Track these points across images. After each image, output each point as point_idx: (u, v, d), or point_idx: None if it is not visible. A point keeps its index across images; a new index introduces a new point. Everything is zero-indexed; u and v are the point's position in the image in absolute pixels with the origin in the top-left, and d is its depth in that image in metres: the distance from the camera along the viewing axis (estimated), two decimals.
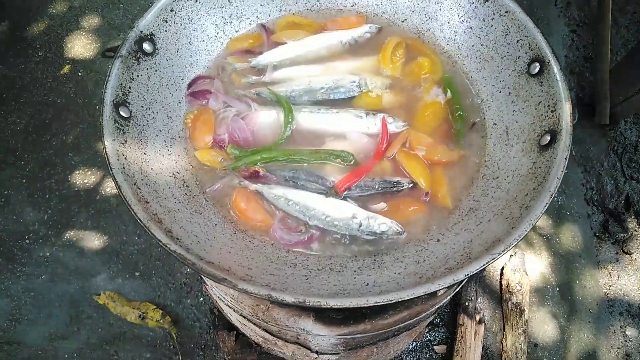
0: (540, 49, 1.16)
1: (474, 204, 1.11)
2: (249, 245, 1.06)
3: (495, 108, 1.23)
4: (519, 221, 0.95)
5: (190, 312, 2.08)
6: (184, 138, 1.21)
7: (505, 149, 1.16)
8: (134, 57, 1.15)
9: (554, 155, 1.03)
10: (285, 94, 1.27)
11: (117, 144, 1.02)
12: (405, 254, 1.05)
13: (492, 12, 1.26)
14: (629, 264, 2.38)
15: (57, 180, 2.36)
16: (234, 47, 1.36)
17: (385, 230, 1.08)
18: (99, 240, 2.23)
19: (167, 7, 1.23)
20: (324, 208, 1.12)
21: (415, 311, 1.18)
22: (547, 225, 2.39)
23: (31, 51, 2.73)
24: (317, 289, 0.94)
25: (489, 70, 1.27)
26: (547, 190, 0.97)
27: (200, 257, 0.90)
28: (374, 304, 0.85)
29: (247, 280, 0.88)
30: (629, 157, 2.65)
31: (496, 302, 2.16)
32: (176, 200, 1.06)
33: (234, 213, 1.12)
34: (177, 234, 0.95)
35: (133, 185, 0.98)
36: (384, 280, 0.96)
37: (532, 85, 1.17)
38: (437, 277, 0.89)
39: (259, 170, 1.16)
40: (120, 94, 1.09)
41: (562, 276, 2.28)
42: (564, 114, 1.07)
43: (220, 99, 1.26)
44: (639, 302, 2.28)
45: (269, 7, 1.39)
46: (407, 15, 1.39)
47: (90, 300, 2.10)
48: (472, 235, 1.02)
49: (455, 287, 1.23)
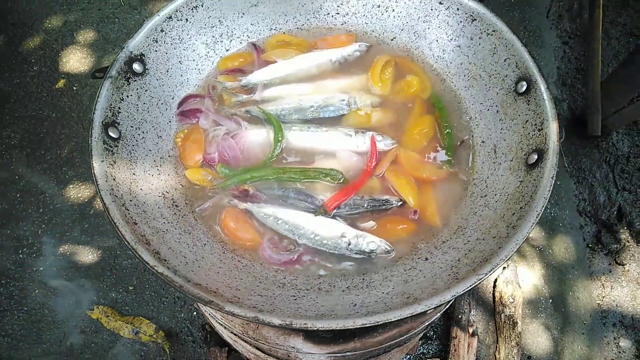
0: (527, 67, 1.17)
1: (462, 222, 1.12)
2: (237, 265, 1.06)
3: (484, 126, 1.25)
4: (506, 241, 0.96)
5: (183, 326, 2.08)
6: (174, 157, 1.21)
7: (493, 167, 1.17)
8: (123, 77, 1.16)
9: (541, 174, 1.04)
10: (275, 112, 1.28)
11: (105, 165, 1.03)
12: (393, 273, 1.05)
13: (480, 31, 1.27)
14: (621, 275, 2.38)
15: (51, 195, 2.36)
16: (224, 66, 1.37)
17: (374, 249, 1.09)
18: (92, 254, 2.23)
19: (158, 27, 1.24)
20: (313, 227, 1.12)
21: (405, 329, 1.19)
22: (540, 236, 2.40)
23: (26, 65, 2.74)
24: (305, 309, 0.95)
25: (477, 88, 1.29)
26: (534, 210, 0.98)
27: (188, 279, 0.91)
28: (361, 325, 0.85)
29: (234, 302, 0.88)
30: (621, 168, 2.67)
31: (489, 315, 2.17)
32: (165, 220, 1.07)
33: (223, 232, 1.13)
34: (165, 255, 0.95)
35: (121, 207, 0.99)
36: (371, 300, 0.96)
37: (519, 103, 1.18)
38: (424, 298, 0.89)
39: (248, 188, 1.17)
40: (110, 115, 1.10)
41: (555, 288, 2.28)
42: (551, 133, 1.08)
43: (211, 117, 1.27)
44: (632, 313, 2.28)
45: (260, 26, 1.41)
46: (396, 34, 1.40)
47: (83, 315, 2.10)
48: (460, 254, 1.02)
49: (444, 305, 1.23)
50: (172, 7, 1.27)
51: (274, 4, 1.40)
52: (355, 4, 1.41)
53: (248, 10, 1.38)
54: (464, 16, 1.29)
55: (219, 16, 1.35)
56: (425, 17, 1.36)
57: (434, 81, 1.35)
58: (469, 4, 1.28)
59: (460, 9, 1.29)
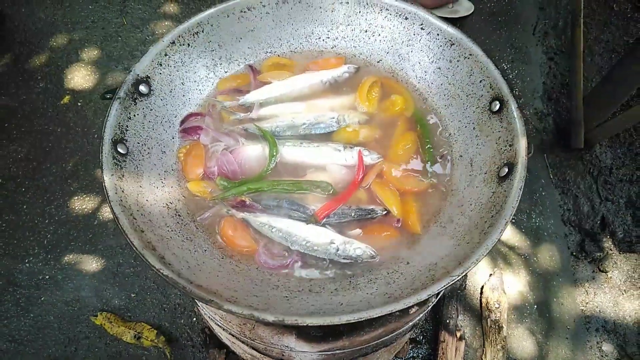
0: (500, 89, 1.28)
1: (440, 229, 1.23)
2: (235, 269, 1.16)
3: (462, 141, 1.36)
4: (478, 246, 1.06)
5: (183, 331, 2.17)
6: (177, 171, 1.32)
7: (469, 179, 1.28)
8: (131, 98, 1.27)
9: (511, 186, 1.14)
10: (270, 129, 1.39)
11: (115, 179, 1.13)
12: (377, 276, 1.15)
13: (458, 55, 1.39)
14: (604, 282, 2.48)
15: (56, 206, 2.46)
16: (223, 86, 1.48)
17: (360, 254, 1.19)
18: (96, 263, 2.32)
19: (162, 51, 1.35)
20: (304, 234, 1.23)
21: (390, 328, 1.28)
22: (526, 245, 2.50)
23: (32, 82, 2.85)
24: (296, 308, 1.05)
25: (455, 106, 1.40)
26: (503, 218, 1.09)
27: (190, 280, 1.01)
28: (346, 321, 0.95)
29: (232, 301, 0.98)
30: (604, 179, 2.77)
31: (476, 320, 2.26)
32: (169, 228, 1.17)
33: (222, 240, 1.23)
34: (169, 260, 1.06)
35: (130, 216, 1.09)
36: (357, 300, 1.06)
37: (493, 121, 1.29)
38: (404, 297, 0.99)
39: (245, 199, 1.27)
40: (118, 132, 1.21)
41: (540, 294, 2.38)
42: (520, 149, 1.18)
43: (211, 134, 1.37)
44: (614, 319, 2.37)
45: (256, 50, 1.52)
46: (382, 56, 1.52)
47: (87, 321, 2.19)
48: (437, 259, 1.13)
49: (427, 306, 1.33)
50: (175, 32, 1.38)
51: (270, 29, 1.51)
52: (344, 29, 1.53)
53: (245, 35, 1.50)
54: (444, 41, 1.41)
55: (218, 41, 1.46)
56: (408, 41, 1.47)
57: (416, 100, 1.46)
58: (448, 29, 1.40)
59: (440, 34, 1.41)
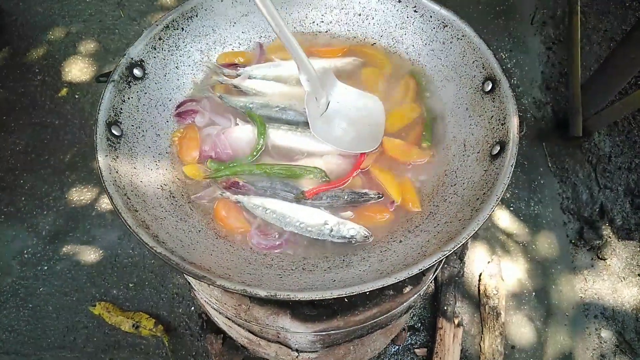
0: (493, 68, 1.28)
1: (434, 208, 1.23)
2: (229, 249, 1.17)
3: (455, 122, 1.36)
4: (469, 222, 1.07)
5: (181, 320, 2.18)
6: (171, 154, 1.32)
7: (463, 159, 1.28)
8: (125, 81, 1.27)
9: (502, 163, 1.15)
10: (245, 104, 1.39)
11: (109, 160, 1.14)
12: (370, 254, 1.16)
13: (451, 36, 1.39)
14: (603, 269, 2.49)
15: (54, 198, 2.47)
16: (222, 60, 1.49)
17: (354, 235, 1.19)
18: (94, 253, 2.33)
19: (156, 35, 1.36)
20: (298, 215, 1.23)
21: (385, 308, 1.29)
22: (524, 233, 2.51)
23: (30, 75, 2.86)
24: (289, 285, 1.05)
25: (449, 88, 1.40)
26: (494, 195, 1.09)
27: (184, 258, 1.01)
28: (337, 295, 0.95)
29: (225, 278, 0.99)
30: (602, 167, 2.78)
31: (474, 307, 2.27)
32: (163, 209, 1.18)
33: (216, 221, 1.24)
34: (163, 238, 1.06)
35: (124, 196, 1.10)
36: (349, 276, 1.07)
37: (485, 101, 1.29)
38: (395, 272, 1.00)
39: (238, 181, 1.27)
40: (112, 115, 1.21)
41: (538, 281, 2.38)
42: (512, 127, 1.19)
43: (207, 115, 1.37)
44: (613, 306, 2.38)
45: (250, 34, 1.52)
46: (377, 39, 1.52)
47: (86, 311, 2.20)
48: (430, 236, 1.13)
49: (421, 286, 1.33)
50: (170, 17, 1.38)
51: None
52: (338, 12, 1.53)
53: (239, 20, 1.50)
54: (437, 23, 1.41)
55: (212, 25, 1.47)
56: (402, 24, 1.47)
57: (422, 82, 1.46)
58: (441, 11, 1.40)
59: (433, 16, 1.41)
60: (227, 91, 1.45)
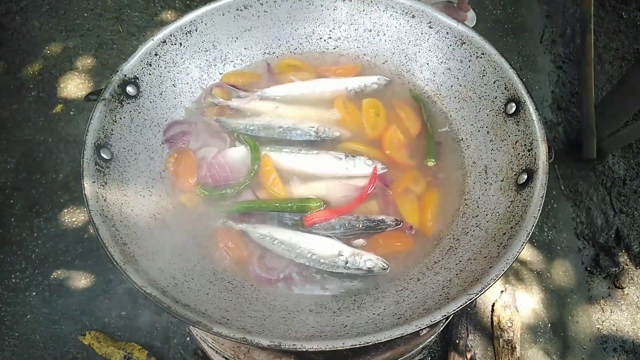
0: (516, 89, 1.18)
1: (454, 242, 1.12)
2: (227, 286, 1.05)
3: (475, 147, 1.25)
4: (497, 260, 0.95)
5: (176, 352, 2.04)
6: (166, 178, 1.22)
7: (484, 188, 1.17)
8: (117, 100, 1.17)
9: (531, 194, 1.04)
10: (245, 127, 1.30)
11: (96, 186, 1.03)
12: (385, 294, 1.04)
13: (469, 54, 1.29)
14: (621, 299, 2.36)
15: (45, 219, 2.36)
16: (227, 80, 1.40)
17: (372, 267, 1.08)
18: (85, 279, 2.21)
19: (152, 51, 1.26)
20: (309, 246, 1.12)
21: (399, 351, 1.17)
22: (538, 260, 2.39)
23: (25, 91, 2.77)
24: (295, 331, 0.94)
25: (467, 109, 1.30)
26: (524, 229, 0.98)
27: (177, 299, 0.90)
28: (350, 346, 0.84)
29: (223, 323, 0.87)
30: (617, 190, 2.67)
31: (487, 340, 2.14)
32: (155, 241, 1.07)
33: (215, 253, 1.12)
34: (154, 276, 0.95)
35: (111, 227, 0.99)
36: (362, 321, 0.95)
37: (509, 124, 1.19)
38: (415, 318, 0.88)
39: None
40: (102, 137, 1.11)
41: (554, 312, 2.26)
42: (540, 153, 1.08)
43: (201, 138, 1.27)
44: (632, 338, 2.25)
45: (253, 50, 1.43)
46: (388, 57, 1.43)
47: (75, 340, 2.07)
48: (452, 275, 1.02)
49: (438, 327, 1.22)
50: (167, 31, 1.29)
51: (267, 29, 1.42)
52: (347, 28, 1.44)
53: (241, 35, 1.41)
54: (454, 40, 1.31)
55: (213, 40, 1.37)
56: (415, 41, 1.38)
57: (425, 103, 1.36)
58: (458, 27, 1.30)
59: (449, 32, 1.32)
60: (221, 113, 1.35)
